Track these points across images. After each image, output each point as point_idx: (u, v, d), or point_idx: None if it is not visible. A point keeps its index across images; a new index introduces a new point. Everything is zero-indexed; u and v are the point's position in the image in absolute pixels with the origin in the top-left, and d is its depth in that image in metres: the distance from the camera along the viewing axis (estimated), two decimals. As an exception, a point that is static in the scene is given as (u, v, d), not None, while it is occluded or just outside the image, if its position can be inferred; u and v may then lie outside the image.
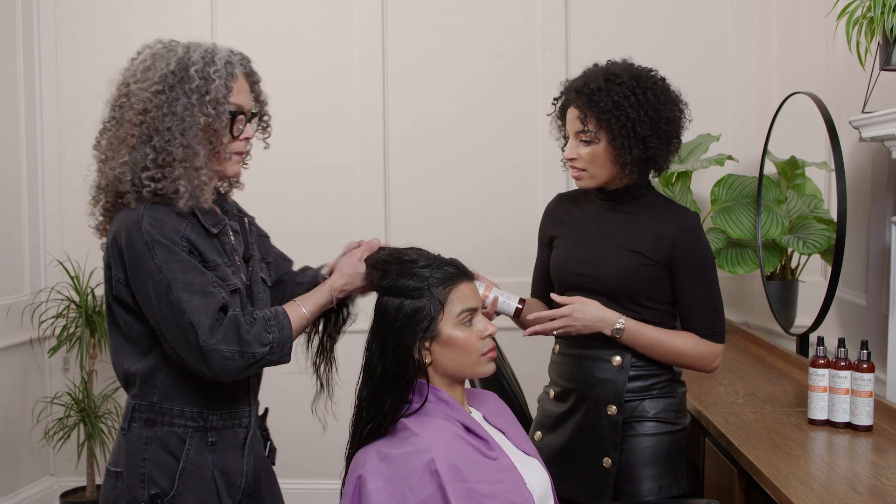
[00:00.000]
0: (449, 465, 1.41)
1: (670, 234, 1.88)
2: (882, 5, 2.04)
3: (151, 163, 1.54)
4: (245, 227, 1.74)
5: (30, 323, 3.58)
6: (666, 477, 1.90)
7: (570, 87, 1.94)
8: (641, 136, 1.84)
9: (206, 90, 1.55)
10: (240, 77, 1.61)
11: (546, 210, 2.11)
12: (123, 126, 1.57)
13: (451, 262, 1.59)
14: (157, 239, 1.50)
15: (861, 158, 2.63)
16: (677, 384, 1.98)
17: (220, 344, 1.48)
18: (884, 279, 2.37)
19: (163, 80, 1.54)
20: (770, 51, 3.32)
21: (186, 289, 1.49)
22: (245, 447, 1.67)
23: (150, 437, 1.59)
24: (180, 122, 1.53)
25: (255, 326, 1.53)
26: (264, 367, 1.59)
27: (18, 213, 3.60)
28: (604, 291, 1.91)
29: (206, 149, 1.57)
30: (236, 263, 1.65)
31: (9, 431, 3.51)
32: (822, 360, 2.03)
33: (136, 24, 3.62)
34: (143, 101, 1.55)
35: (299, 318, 1.61)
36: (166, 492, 1.57)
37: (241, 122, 1.62)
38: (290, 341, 1.57)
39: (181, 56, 1.57)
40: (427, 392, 1.54)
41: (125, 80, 1.61)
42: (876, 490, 1.64)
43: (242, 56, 1.65)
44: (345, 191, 3.58)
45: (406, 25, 3.54)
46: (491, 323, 1.61)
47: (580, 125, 1.89)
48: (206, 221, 1.60)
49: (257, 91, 1.69)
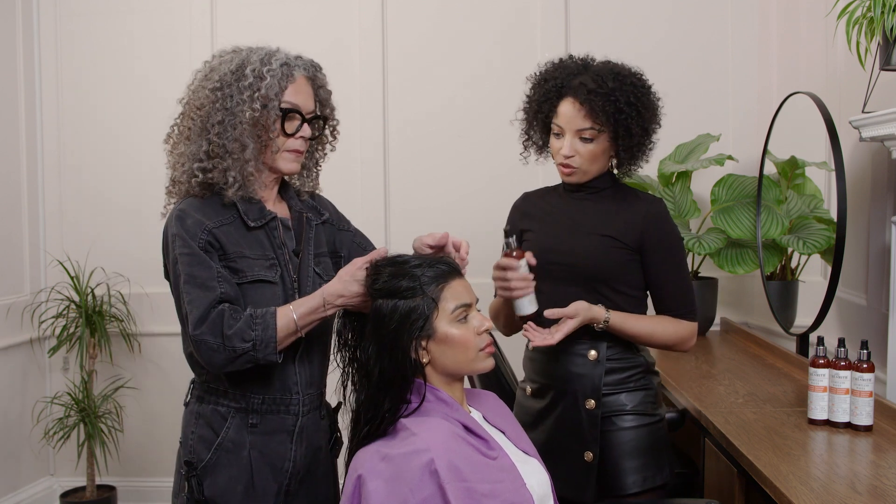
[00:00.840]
0: (448, 464, 1.41)
1: (640, 219, 1.93)
2: (882, 5, 2.04)
3: (204, 154, 1.68)
4: (303, 223, 1.80)
5: (30, 323, 3.58)
6: (649, 468, 1.94)
7: (574, 83, 1.90)
8: (636, 135, 1.89)
9: (258, 87, 1.66)
10: (300, 79, 1.72)
11: (513, 207, 2.13)
12: (185, 121, 1.73)
13: (442, 260, 1.59)
14: (178, 232, 1.65)
15: (861, 158, 2.63)
16: (652, 375, 2.02)
17: (205, 335, 1.59)
18: (884, 279, 2.37)
19: (221, 79, 1.68)
20: (770, 51, 3.32)
21: (189, 280, 1.62)
22: (295, 434, 1.72)
23: (199, 412, 1.73)
24: (232, 116, 1.66)
25: (240, 323, 1.59)
26: (255, 363, 1.62)
27: (18, 213, 3.60)
28: (577, 279, 1.93)
29: (255, 142, 1.68)
30: (283, 257, 1.72)
31: (9, 431, 3.51)
32: (822, 360, 2.03)
33: (136, 24, 3.62)
34: (202, 98, 1.69)
35: (287, 320, 1.62)
36: (201, 461, 1.69)
37: (295, 120, 1.71)
38: (274, 341, 1.60)
39: (244, 58, 1.70)
40: (424, 391, 1.54)
41: (193, 80, 1.75)
42: (876, 490, 1.63)
43: (311, 63, 1.77)
44: (345, 191, 3.56)
45: (406, 25, 3.54)
46: (487, 318, 1.61)
47: (586, 122, 1.88)
48: (248, 215, 1.70)
49: (323, 96, 1.80)
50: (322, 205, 1.90)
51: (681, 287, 1.96)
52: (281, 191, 1.82)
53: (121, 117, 3.65)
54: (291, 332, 1.64)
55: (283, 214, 1.79)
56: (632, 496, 1.93)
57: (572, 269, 1.93)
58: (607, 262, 1.92)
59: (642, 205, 1.95)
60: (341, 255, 1.89)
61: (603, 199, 1.98)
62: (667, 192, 3.16)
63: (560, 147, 1.93)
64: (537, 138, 2.03)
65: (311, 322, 1.66)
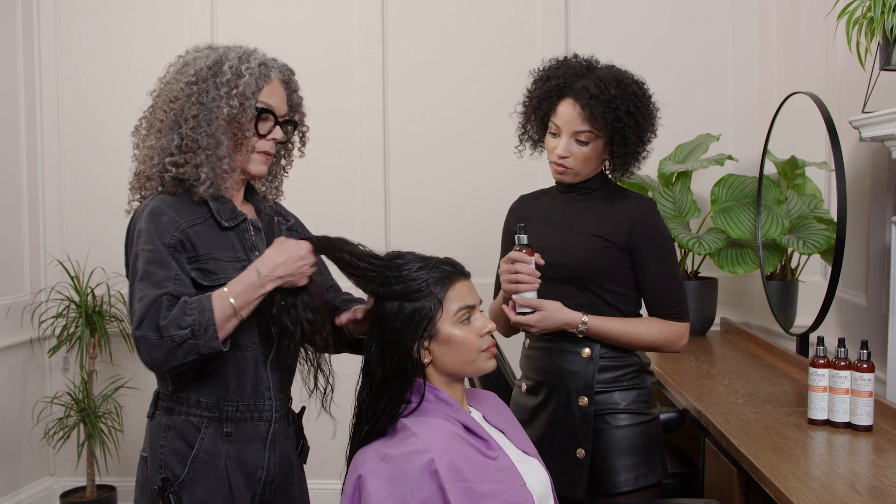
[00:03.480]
0: (449, 465, 1.41)
1: (629, 218, 1.94)
2: (882, 5, 2.04)
3: (176, 149, 1.63)
4: (273, 227, 1.76)
5: (30, 323, 3.58)
6: (642, 466, 1.94)
7: (581, 88, 1.90)
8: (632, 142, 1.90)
9: (235, 84, 1.62)
10: (275, 81, 1.69)
11: (509, 210, 2.15)
12: (156, 112, 1.67)
13: (446, 261, 1.59)
14: (146, 227, 1.58)
15: (861, 158, 2.63)
16: (646, 374, 2.02)
17: (145, 332, 1.50)
18: (884, 279, 2.37)
19: (197, 74, 1.64)
20: (770, 51, 3.32)
21: (144, 277, 1.55)
22: (268, 441, 1.69)
23: (168, 424, 1.65)
24: (207, 111, 1.62)
25: (174, 311, 1.51)
26: (198, 353, 1.52)
27: (18, 213, 3.60)
28: (568, 278, 1.94)
29: (229, 140, 1.64)
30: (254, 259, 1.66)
31: (9, 431, 3.51)
32: (822, 359, 2.03)
33: (136, 24, 3.62)
34: (176, 91, 1.64)
35: (223, 302, 1.53)
36: (178, 476, 1.62)
37: (268, 121, 1.68)
38: (213, 324, 1.50)
39: (220, 54, 1.66)
40: (424, 390, 1.54)
41: (166, 73, 1.71)
42: (876, 490, 1.63)
43: (286, 66, 1.73)
44: (345, 190, 3.58)
45: (406, 25, 3.54)
46: (490, 319, 1.61)
47: (584, 125, 1.90)
48: (221, 215, 1.65)
49: (295, 101, 1.77)
50: (285, 213, 1.87)
51: (670, 287, 1.96)
52: (247, 194, 1.78)
53: (121, 117, 3.63)
54: (230, 315, 1.53)
55: (252, 216, 1.75)
56: (624, 494, 1.94)
57: (564, 268, 1.94)
58: (597, 262, 1.93)
59: (632, 204, 1.96)
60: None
61: (594, 200, 1.99)
62: (667, 192, 3.16)
63: (555, 146, 1.95)
64: (533, 133, 2.04)
65: (249, 302, 1.55)
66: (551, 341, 1.98)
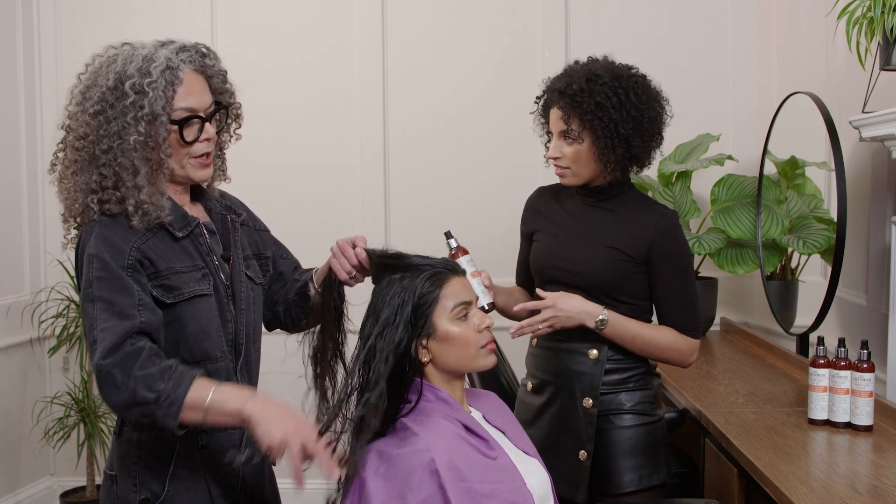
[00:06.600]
0: (449, 464, 1.41)
1: (649, 232, 1.91)
2: (882, 5, 2.04)
3: (97, 185, 1.53)
4: (227, 226, 1.69)
5: (30, 323, 3.58)
6: (646, 467, 1.94)
7: (553, 88, 1.95)
8: (624, 135, 1.87)
9: (140, 104, 1.50)
10: (188, 76, 1.54)
11: (527, 204, 2.14)
12: (70, 152, 1.56)
13: (440, 261, 1.60)
14: (97, 252, 1.49)
15: (861, 158, 2.63)
16: (652, 376, 2.02)
17: (113, 367, 1.41)
18: (884, 279, 2.37)
19: (101, 101, 1.52)
20: (770, 51, 3.32)
21: (107, 308, 1.45)
22: (242, 447, 1.65)
23: (140, 440, 1.56)
24: (119, 141, 1.50)
25: (152, 368, 1.42)
26: (151, 421, 1.44)
27: (18, 213, 3.59)
28: (581, 286, 1.94)
29: (146, 166, 1.52)
30: (213, 264, 1.60)
31: (9, 431, 3.51)
32: (822, 359, 2.03)
33: (136, 24, 3.61)
34: (84, 125, 1.53)
35: (200, 395, 1.43)
36: (157, 495, 1.55)
37: (193, 125, 1.56)
38: (180, 403, 1.41)
39: (119, 70, 1.52)
40: (422, 388, 1.54)
41: (70, 101, 1.59)
42: (876, 490, 1.64)
43: (195, 50, 1.58)
44: (345, 191, 3.58)
45: (406, 26, 3.54)
46: (488, 316, 1.61)
47: (563, 125, 1.91)
48: (173, 225, 1.56)
49: (216, 84, 1.62)
50: (235, 204, 1.77)
51: (686, 303, 1.94)
52: (194, 193, 1.68)
53: (121, 117, 3.65)
54: (197, 408, 1.42)
55: (204, 218, 1.66)
56: (628, 495, 1.93)
57: (577, 276, 1.94)
58: (611, 274, 1.92)
59: (654, 217, 1.92)
60: (267, 256, 1.79)
61: (615, 207, 1.96)
62: (666, 192, 3.16)
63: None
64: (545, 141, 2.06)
65: (222, 413, 1.43)
66: (559, 340, 1.97)
